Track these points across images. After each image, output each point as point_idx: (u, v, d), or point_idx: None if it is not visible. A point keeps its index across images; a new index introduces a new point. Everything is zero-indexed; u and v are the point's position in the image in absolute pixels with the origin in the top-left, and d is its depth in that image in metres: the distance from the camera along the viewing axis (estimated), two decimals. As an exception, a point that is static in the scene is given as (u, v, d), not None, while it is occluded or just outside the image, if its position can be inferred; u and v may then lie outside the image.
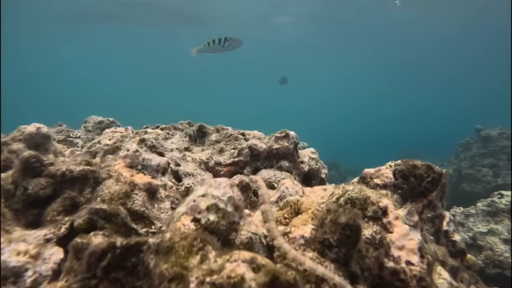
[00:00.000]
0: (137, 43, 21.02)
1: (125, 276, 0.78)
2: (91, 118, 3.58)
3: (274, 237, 0.87)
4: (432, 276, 1.04)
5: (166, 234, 0.83)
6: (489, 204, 4.99)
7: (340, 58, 23.74)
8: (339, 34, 19.37)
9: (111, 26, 17.43)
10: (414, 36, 18.82)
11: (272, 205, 1.01)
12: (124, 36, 19.52)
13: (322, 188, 1.36)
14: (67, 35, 18.21)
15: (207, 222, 0.85)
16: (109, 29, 17.96)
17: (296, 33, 19.28)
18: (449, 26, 17.03)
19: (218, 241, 0.82)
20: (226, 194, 0.89)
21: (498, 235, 4.63)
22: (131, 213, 1.23)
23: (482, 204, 5.01)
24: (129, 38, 19.95)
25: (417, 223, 1.10)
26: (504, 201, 4.98)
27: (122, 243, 0.83)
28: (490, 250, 4.52)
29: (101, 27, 17.44)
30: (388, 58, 23.42)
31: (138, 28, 17.86)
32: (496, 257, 4.44)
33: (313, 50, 22.57)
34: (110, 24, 17.16)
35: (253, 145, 2.21)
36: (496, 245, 4.56)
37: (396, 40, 19.70)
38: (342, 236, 0.86)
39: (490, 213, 4.98)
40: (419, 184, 1.60)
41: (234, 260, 0.68)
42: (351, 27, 18.10)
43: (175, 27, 17.97)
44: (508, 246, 4.47)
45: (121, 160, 1.45)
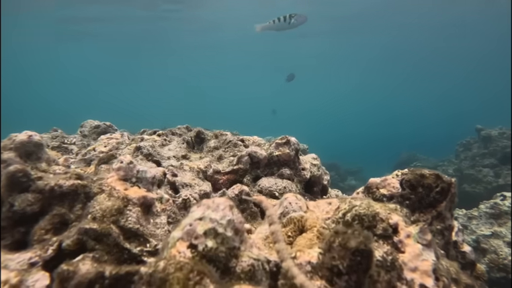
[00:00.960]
0: (134, 43, 20.91)
1: (114, 312, 0.71)
2: (87, 123, 3.50)
3: (283, 259, 0.80)
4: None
5: (159, 263, 0.75)
6: (492, 207, 4.92)
7: (341, 60, 23.71)
8: (339, 33, 19.32)
9: (107, 27, 17.35)
10: (413, 39, 18.79)
11: (280, 225, 0.94)
12: (121, 37, 19.43)
13: (326, 201, 1.29)
14: (64, 35, 18.08)
15: (205, 249, 0.77)
16: (105, 31, 17.88)
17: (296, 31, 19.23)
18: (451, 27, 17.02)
19: (217, 271, 0.75)
20: (225, 217, 0.82)
21: (502, 238, 4.56)
22: (124, 231, 1.15)
23: (485, 207, 4.94)
24: (126, 38, 19.86)
25: (430, 242, 1.03)
26: (507, 203, 4.92)
27: (112, 272, 0.75)
28: (494, 253, 4.45)
29: (98, 28, 17.35)
30: (389, 60, 23.39)
31: (135, 26, 17.76)
32: (500, 260, 4.38)
33: (314, 50, 22.52)
34: (107, 25, 17.07)
35: (253, 153, 2.13)
36: (500, 248, 4.49)
37: (395, 43, 19.67)
38: (352, 262, 0.78)
39: (493, 215, 4.92)
40: (428, 195, 1.54)
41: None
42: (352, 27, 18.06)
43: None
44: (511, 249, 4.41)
45: (115, 173, 1.38)
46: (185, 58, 25.60)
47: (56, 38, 18.62)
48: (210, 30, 19.27)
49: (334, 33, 19.35)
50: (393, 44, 20.62)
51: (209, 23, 17.51)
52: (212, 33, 19.69)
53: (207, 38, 20.61)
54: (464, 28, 17.27)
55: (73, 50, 21.86)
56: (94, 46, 21.64)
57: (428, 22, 16.91)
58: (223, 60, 27.51)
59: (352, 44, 20.60)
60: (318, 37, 19.95)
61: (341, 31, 19.08)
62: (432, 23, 17.09)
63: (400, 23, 17.13)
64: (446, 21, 16.81)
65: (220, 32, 19.70)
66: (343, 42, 20.15)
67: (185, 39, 20.37)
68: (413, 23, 16.94)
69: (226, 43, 21.93)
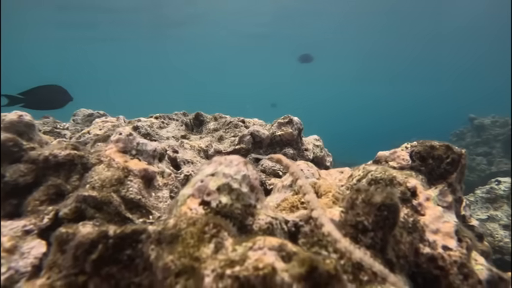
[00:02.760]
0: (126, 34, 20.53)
1: (120, 271, 0.64)
2: (80, 111, 3.38)
3: (314, 207, 0.74)
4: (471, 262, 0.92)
5: (169, 220, 0.68)
6: (488, 191, 4.96)
7: (336, 56, 23.59)
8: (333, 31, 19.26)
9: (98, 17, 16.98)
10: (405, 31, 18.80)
11: (307, 180, 0.88)
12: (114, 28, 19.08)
13: (338, 170, 1.23)
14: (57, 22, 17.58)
15: (218, 205, 0.71)
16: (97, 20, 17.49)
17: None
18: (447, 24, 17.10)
19: (234, 227, 0.68)
20: (239, 172, 0.75)
21: (497, 221, 4.60)
22: (125, 202, 1.08)
23: (481, 192, 4.98)
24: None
25: (451, 204, 0.98)
26: (503, 187, 4.97)
27: (116, 232, 0.68)
28: (490, 236, 4.50)
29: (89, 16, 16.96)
30: (381, 55, 23.39)
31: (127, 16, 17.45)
32: (496, 243, 4.43)
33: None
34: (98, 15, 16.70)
35: (255, 132, 2.06)
36: (496, 231, 4.54)
37: (385, 36, 19.65)
38: (378, 218, 0.73)
39: (489, 200, 4.96)
40: (438, 166, 1.49)
41: (259, 247, 0.55)
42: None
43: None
44: (508, 232, 4.46)
45: (113, 144, 1.30)
46: (183, 49, 25.24)
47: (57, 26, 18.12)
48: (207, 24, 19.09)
49: (328, 31, 19.31)
50: (386, 39, 20.61)
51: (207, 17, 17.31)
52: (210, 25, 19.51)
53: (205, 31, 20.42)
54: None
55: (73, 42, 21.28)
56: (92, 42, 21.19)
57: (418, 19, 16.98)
58: (221, 53, 27.29)
59: (346, 40, 20.55)
60: (314, 36, 19.92)
61: (334, 29, 19.04)
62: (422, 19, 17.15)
63: (389, 20, 17.17)
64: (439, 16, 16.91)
65: (217, 26, 19.54)
66: (336, 40, 20.08)
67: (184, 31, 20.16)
68: (403, 19, 16.99)
69: (223, 37, 21.77)
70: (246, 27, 19.26)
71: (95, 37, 19.22)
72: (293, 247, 0.56)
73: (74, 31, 17.70)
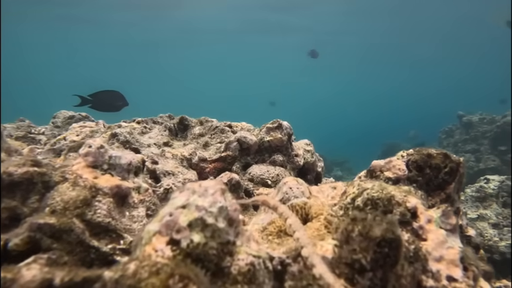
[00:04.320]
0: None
1: (65, 335, 0.52)
2: (60, 113, 3.21)
3: (304, 245, 0.64)
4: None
5: (129, 265, 0.56)
6: (478, 190, 4.98)
7: (327, 58, 23.50)
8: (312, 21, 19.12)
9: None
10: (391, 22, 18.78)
11: (296, 217, 0.77)
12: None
13: (330, 186, 1.13)
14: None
15: (190, 245, 0.59)
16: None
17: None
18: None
19: (206, 274, 0.57)
20: (215, 203, 0.64)
21: (487, 220, 4.62)
22: (91, 226, 0.95)
23: (471, 190, 4.99)
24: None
25: (455, 227, 0.89)
26: (492, 186, 4.99)
27: (63, 280, 0.56)
28: (480, 236, 4.51)
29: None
30: (370, 48, 23.40)
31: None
32: (485, 242, 4.44)
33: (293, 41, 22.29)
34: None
35: (242, 138, 1.95)
36: (486, 230, 4.55)
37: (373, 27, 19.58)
38: (378, 255, 0.62)
39: (479, 199, 4.97)
40: (436, 176, 1.40)
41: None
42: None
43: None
44: (497, 230, 4.47)
45: (82, 159, 1.17)
46: (176, 48, 24.82)
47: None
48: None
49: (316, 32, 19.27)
50: (370, 38, 20.60)
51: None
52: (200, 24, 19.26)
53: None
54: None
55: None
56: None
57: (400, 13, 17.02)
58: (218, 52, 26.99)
59: (333, 41, 20.47)
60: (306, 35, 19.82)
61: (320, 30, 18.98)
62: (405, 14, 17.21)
63: (376, 17, 17.21)
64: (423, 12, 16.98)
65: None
66: (324, 41, 19.98)
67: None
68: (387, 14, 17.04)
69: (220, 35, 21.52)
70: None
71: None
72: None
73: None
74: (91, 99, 3.44)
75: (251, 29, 20.15)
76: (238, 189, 1.62)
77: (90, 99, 3.44)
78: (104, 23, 18.73)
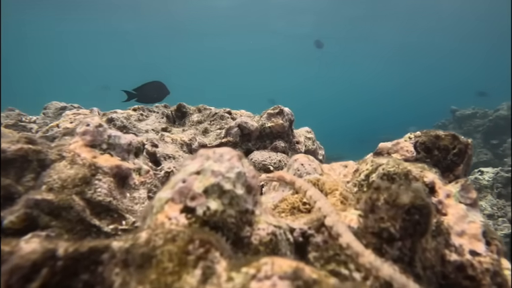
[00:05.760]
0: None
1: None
2: (51, 104, 3.10)
3: (327, 214, 0.60)
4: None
5: (141, 234, 0.51)
6: (473, 182, 5.03)
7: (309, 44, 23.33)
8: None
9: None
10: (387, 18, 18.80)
11: (314, 187, 0.73)
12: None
13: (341, 164, 1.09)
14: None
15: (206, 213, 0.54)
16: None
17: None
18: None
19: (227, 243, 0.52)
20: (233, 168, 0.59)
21: (482, 211, 4.66)
22: (92, 205, 0.90)
23: (466, 183, 5.03)
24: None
25: (476, 201, 0.86)
26: (486, 177, 5.05)
27: (68, 250, 0.51)
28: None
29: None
30: (359, 44, 23.30)
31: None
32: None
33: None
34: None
35: (243, 123, 1.90)
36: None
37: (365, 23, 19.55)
38: (407, 223, 0.58)
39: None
40: (444, 158, 1.38)
41: (266, 275, 0.39)
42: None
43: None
44: (492, 221, 4.52)
45: (79, 137, 1.10)
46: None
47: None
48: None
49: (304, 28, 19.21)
50: (358, 30, 20.53)
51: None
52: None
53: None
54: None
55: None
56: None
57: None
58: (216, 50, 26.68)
59: (332, 40, 20.41)
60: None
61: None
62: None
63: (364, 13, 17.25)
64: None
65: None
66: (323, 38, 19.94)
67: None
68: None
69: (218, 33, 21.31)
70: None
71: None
72: (312, 272, 0.41)
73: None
74: (136, 93, 3.43)
75: (252, 24, 20.03)
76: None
77: (135, 94, 3.42)
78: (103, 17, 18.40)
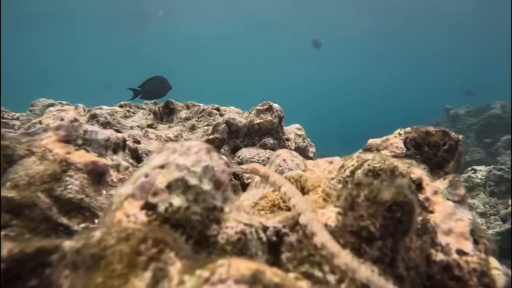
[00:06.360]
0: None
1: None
2: (38, 101, 3.02)
3: (302, 211, 0.55)
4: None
5: (95, 233, 0.47)
6: (466, 180, 5.03)
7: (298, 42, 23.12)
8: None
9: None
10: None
11: (291, 185, 0.68)
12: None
13: (327, 160, 1.05)
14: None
15: (168, 209, 0.50)
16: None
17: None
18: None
19: (187, 242, 0.47)
20: (199, 162, 0.54)
21: (475, 209, 4.66)
22: (61, 203, 0.85)
23: (459, 181, 5.04)
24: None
25: (464, 198, 0.82)
26: (479, 175, 5.05)
27: (12, 251, 0.46)
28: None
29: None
30: (347, 42, 23.18)
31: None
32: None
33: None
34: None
35: (231, 120, 1.85)
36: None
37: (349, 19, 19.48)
38: (388, 221, 0.54)
39: (467, 188, 5.02)
40: (435, 154, 1.34)
41: (220, 279, 0.34)
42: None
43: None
44: (484, 219, 4.52)
45: (53, 132, 1.05)
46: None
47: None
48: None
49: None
50: (347, 28, 20.48)
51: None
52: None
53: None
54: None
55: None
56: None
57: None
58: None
59: (326, 39, 20.40)
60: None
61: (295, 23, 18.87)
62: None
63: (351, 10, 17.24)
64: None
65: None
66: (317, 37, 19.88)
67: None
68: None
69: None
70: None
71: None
72: (273, 274, 0.36)
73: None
74: (140, 89, 3.34)
75: (246, 25, 19.96)
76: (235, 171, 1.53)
77: (139, 90, 3.33)
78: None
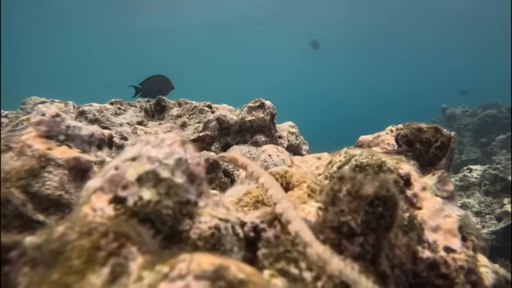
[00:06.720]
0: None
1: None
2: (30, 99, 2.99)
3: (277, 201, 0.53)
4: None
5: (57, 228, 0.44)
6: (461, 179, 5.03)
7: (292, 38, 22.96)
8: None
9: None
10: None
11: (270, 176, 0.66)
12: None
13: (315, 156, 1.02)
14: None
15: (137, 203, 0.47)
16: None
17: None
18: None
19: (156, 237, 0.45)
20: (172, 154, 0.52)
21: (470, 209, 4.66)
22: (39, 200, 0.82)
23: (455, 180, 5.05)
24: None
25: (452, 193, 0.80)
26: (475, 175, 5.05)
27: (-31, 249, 0.43)
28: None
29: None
30: (341, 39, 23.08)
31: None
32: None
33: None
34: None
35: (222, 117, 1.83)
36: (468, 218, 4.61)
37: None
38: (370, 217, 0.52)
39: (462, 188, 5.03)
40: (427, 151, 1.33)
41: (179, 274, 0.32)
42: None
43: None
44: (480, 218, 4.52)
45: (33, 128, 1.02)
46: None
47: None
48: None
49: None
50: (342, 24, 20.39)
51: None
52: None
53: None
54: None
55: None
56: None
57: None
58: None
59: (320, 35, 20.36)
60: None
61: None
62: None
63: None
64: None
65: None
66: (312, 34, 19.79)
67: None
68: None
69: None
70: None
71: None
72: (239, 270, 0.34)
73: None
74: (141, 87, 3.33)
75: (239, 19, 19.89)
76: (217, 168, 1.50)
77: (140, 88, 3.32)
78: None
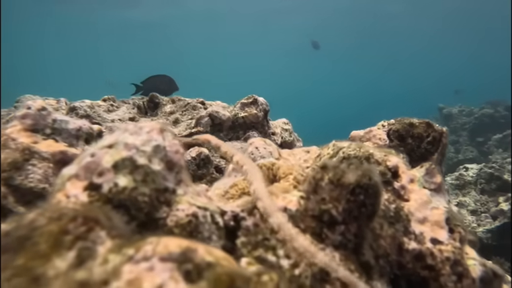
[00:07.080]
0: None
1: None
2: (24, 97, 2.96)
3: (260, 198, 0.52)
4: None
5: (28, 215, 0.43)
6: (457, 178, 5.05)
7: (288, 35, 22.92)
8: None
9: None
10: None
11: (256, 166, 0.65)
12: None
13: (304, 149, 1.02)
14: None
15: (112, 189, 0.46)
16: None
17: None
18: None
19: (130, 224, 0.44)
20: (150, 141, 0.51)
21: (466, 207, 4.68)
22: (21, 193, 0.81)
23: (451, 178, 5.06)
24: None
25: (440, 185, 0.80)
26: (471, 173, 5.07)
27: None
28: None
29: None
30: (336, 37, 23.06)
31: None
32: (464, 228, 4.57)
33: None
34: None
35: (214, 113, 1.82)
36: (465, 217, 4.60)
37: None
38: (351, 205, 0.51)
39: (458, 186, 5.05)
40: (418, 146, 1.33)
41: (144, 257, 0.31)
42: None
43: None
44: (475, 217, 4.53)
45: (18, 121, 1.01)
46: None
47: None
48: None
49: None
50: (334, 23, 20.40)
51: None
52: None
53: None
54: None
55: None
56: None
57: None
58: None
59: (316, 34, 20.34)
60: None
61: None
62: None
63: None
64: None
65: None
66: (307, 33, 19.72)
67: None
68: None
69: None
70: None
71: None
72: (207, 253, 0.33)
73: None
74: (142, 86, 3.25)
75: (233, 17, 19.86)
76: (208, 164, 1.49)
77: (141, 86, 3.24)
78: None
